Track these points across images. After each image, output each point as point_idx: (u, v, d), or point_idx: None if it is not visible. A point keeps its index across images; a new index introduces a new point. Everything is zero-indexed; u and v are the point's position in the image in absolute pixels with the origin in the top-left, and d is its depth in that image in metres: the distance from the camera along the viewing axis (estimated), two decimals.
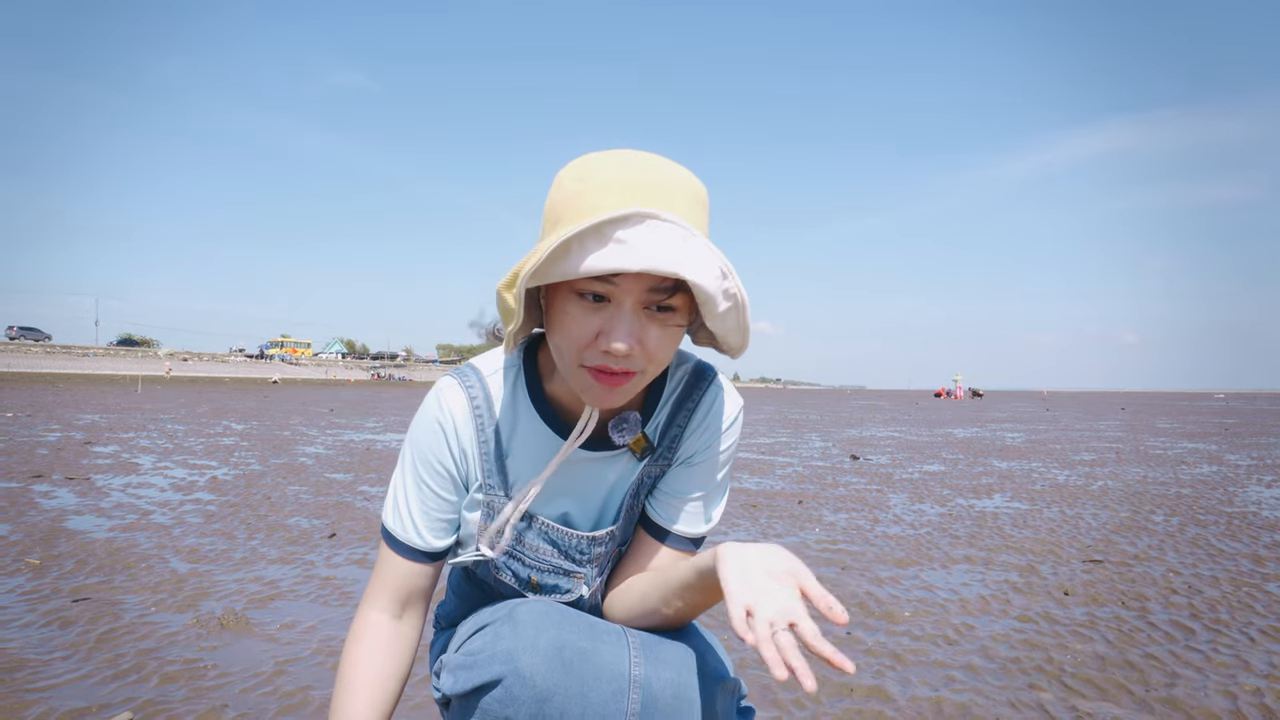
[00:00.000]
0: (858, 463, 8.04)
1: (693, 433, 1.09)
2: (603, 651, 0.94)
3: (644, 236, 0.81)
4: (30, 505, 4.50)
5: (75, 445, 8.05)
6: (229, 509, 4.55)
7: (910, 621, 2.64)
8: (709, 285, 0.84)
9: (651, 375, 0.94)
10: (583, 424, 1.01)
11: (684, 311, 0.91)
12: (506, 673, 0.91)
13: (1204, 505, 5.27)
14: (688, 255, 0.82)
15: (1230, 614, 2.75)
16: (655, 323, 0.89)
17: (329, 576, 3.09)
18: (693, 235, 0.83)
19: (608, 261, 0.81)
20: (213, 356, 74.15)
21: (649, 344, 0.89)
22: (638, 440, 1.06)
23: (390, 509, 1.08)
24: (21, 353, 53.77)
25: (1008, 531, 4.30)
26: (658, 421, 1.08)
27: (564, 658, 0.92)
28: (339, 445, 8.87)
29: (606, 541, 1.09)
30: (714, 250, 0.85)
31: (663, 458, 1.09)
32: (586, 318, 0.88)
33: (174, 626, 2.43)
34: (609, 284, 0.86)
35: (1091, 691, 2.06)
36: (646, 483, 1.10)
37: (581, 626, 0.96)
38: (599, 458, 1.06)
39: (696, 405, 1.09)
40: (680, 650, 1.00)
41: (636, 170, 0.87)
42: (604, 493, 1.09)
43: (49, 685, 1.97)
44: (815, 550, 3.75)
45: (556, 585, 1.09)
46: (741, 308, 0.88)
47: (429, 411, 1.06)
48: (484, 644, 0.95)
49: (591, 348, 0.89)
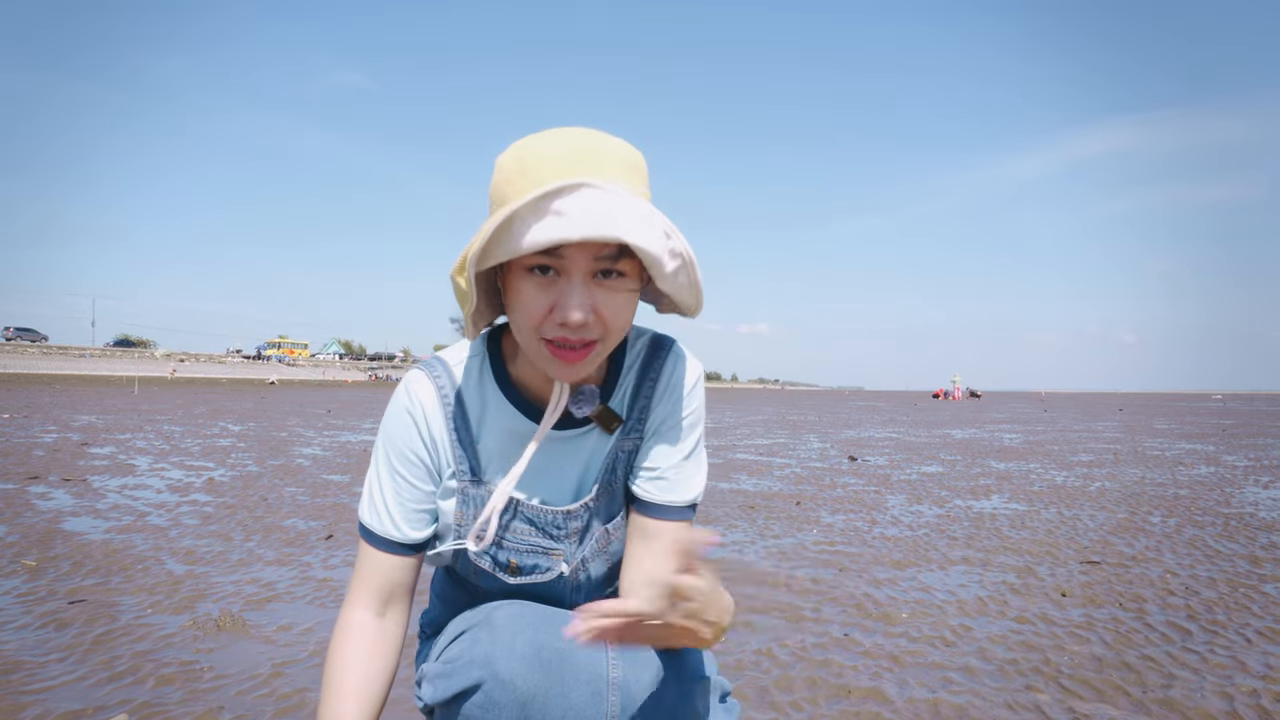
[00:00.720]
0: (856, 464, 8.04)
1: (659, 401, 1.10)
2: (580, 652, 0.95)
3: (580, 205, 0.83)
4: (26, 506, 4.49)
5: (72, 446, 8.03)
6: (226, 510, 4.54)
7: (908, 623, 2.64)
8: (652, 247, 0.86)
9: (611, 344, 0.95)
10: (554, 401, 1.03)
11: (633, 276, 0.93)
12: (486, 677, 0.91)
13: (1201, 506, 5.28)
14: (626, 219, 0.84)
15: (1227, 615, 2.75)
16: (605, 289, 0.91)
17: (326, 578, 3.09)
18: (630, 200, 0.85)
19: (548, 234, 0.83)
20: (209, 357, 74.09)
21: (603, 311, 0.91)
22: (605, 415, 1.07)
23: (366, 504, 1.08)
24: (18, 353, 53.70)
25: (1005, 533, 4.30)
26: (623, 393, 1.10)
27: (542, 658, 0.92)
28: (336, 446, 8.86)
29: (581, 514, 1.09)
30: (655, 212, 0.87)
31: (634, 430, 1.10)
32: (538, 293, 0.90)
33: (170, 628, 2.43)
34: (556, 257, 0.88)
35: (1089, 693, 2.06)
36: (622, 457, 1.10)
37: (558, 627, 0.96)
38: (568, 435, 1.08)
39: (659, 373, 1.10)
40: (660, 653, 1.00)
41: (571, 144, 0.90)
42: (578, 469, 1.09)
43: (45, 687, 1.97)
44: (813, 551, 3.75)
45: (536, 565, 1.09)
46: (690, 265, 0.91)
47: (399, 402, 1.07)
48: (462, 650, 0.95)
49: (548, 322, 0.91)
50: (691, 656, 1.06)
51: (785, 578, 3.23)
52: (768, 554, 3.69)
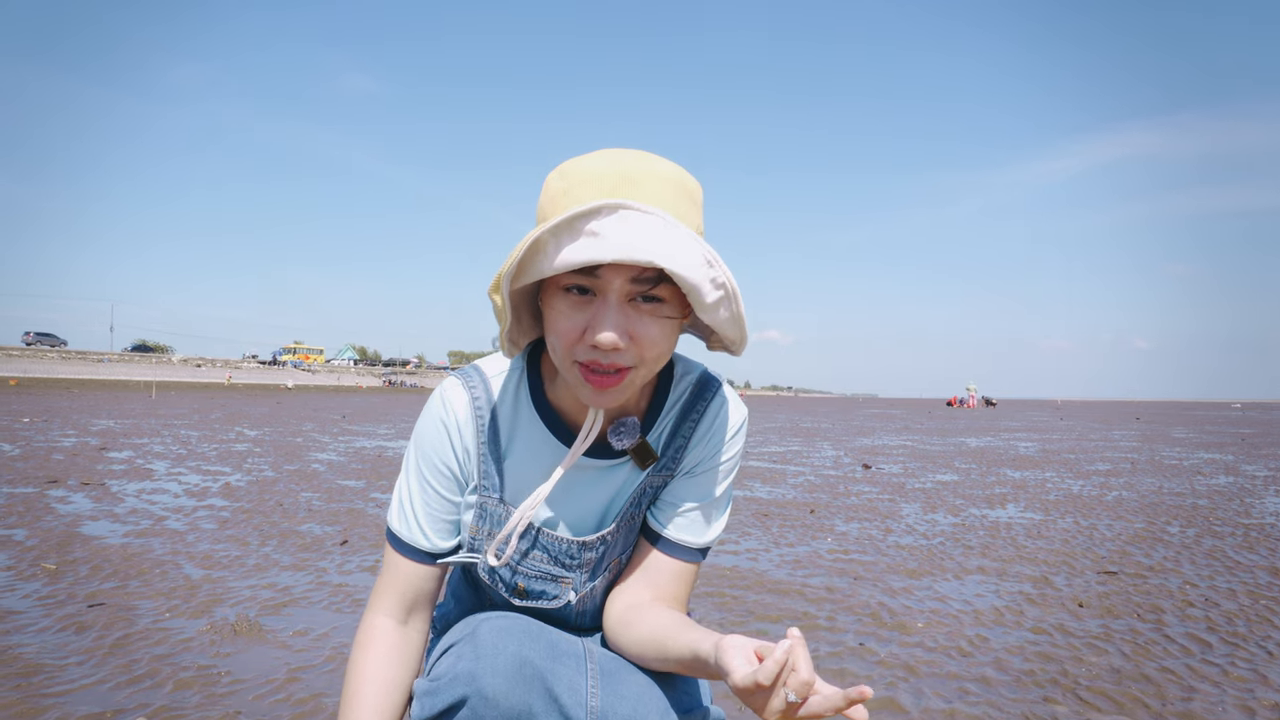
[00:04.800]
0: (870, 472, 8.00)
1: (697, 443, 1.08)
2: (561, 674, 0.94)
3: (615, 227, 0.81)
4: (46, 510, 4.54)
5: (90, 451, 8.11)
6: (242, 515, 4.57)
7: (923, 633, 2.63)
8: (691, 274, 0.83)
9: (647, 372, 0.93)
10: (588, 428, 1.01)
11: (673, 304, 0.91)
12: (470, 694, 0.90)
13: (1220, 517, 5.22)
14: (663, 243, 0.82)
15: (1248, 627, 2.72)
16: (642, 314, 0.89)
17: (341, 583, 3.10)
18: (671, 224, 0.83)
19: (580, 254, 0.82)
20: (225, 362, 74.62)
21: (638, 337, 0.89)
22: (641, 450, 1.05)
23: (395, 511, 1.08)
24: (38, 358, 54.30)
25: (1021, 542, 4.27)
26: (661, 430, 1.08)
27: (524, 675, 0.91)
28: (351, 452, 8.91)
29: (597, 546, 1.08)
30: (698, 240, 0.85)
31: (666, 468, 1.08)
32: (573, 313, 0.89)
33: (188, 632, 2.45)
34: (591, 277, 0.87)
35: (1107, 705, 2.04)
36: (649, 493, 1.09)
37: (543, 644, 0.95)
38: (601, 465, 1.06)
39: (701, 415, 1.08)
40: (642, 683, 0.99)
41: (615, 164, 0.88)
42: (603, 501, 1.08)
43: (65, 690, 1.99)
44: (827, 560, 3.73)
45: (544, 591, 1.08)
46: (733, 297, 0.88)
47: (433, 410, 1.06)
48: (448, 666, 0.94)
49: (581, 343, 0.89)
50: (685, 687, 1.04)
51: (799, 586, 3.22)
52: (782, 562, 3.68)
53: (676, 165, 0.91)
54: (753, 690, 0.77)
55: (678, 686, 1.03)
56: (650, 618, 1.02)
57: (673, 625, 0.98)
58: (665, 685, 1.01)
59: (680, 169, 0.91)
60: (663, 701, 0.98)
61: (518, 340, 1.00)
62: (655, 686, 1.00)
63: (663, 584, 1.09)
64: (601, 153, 0.91)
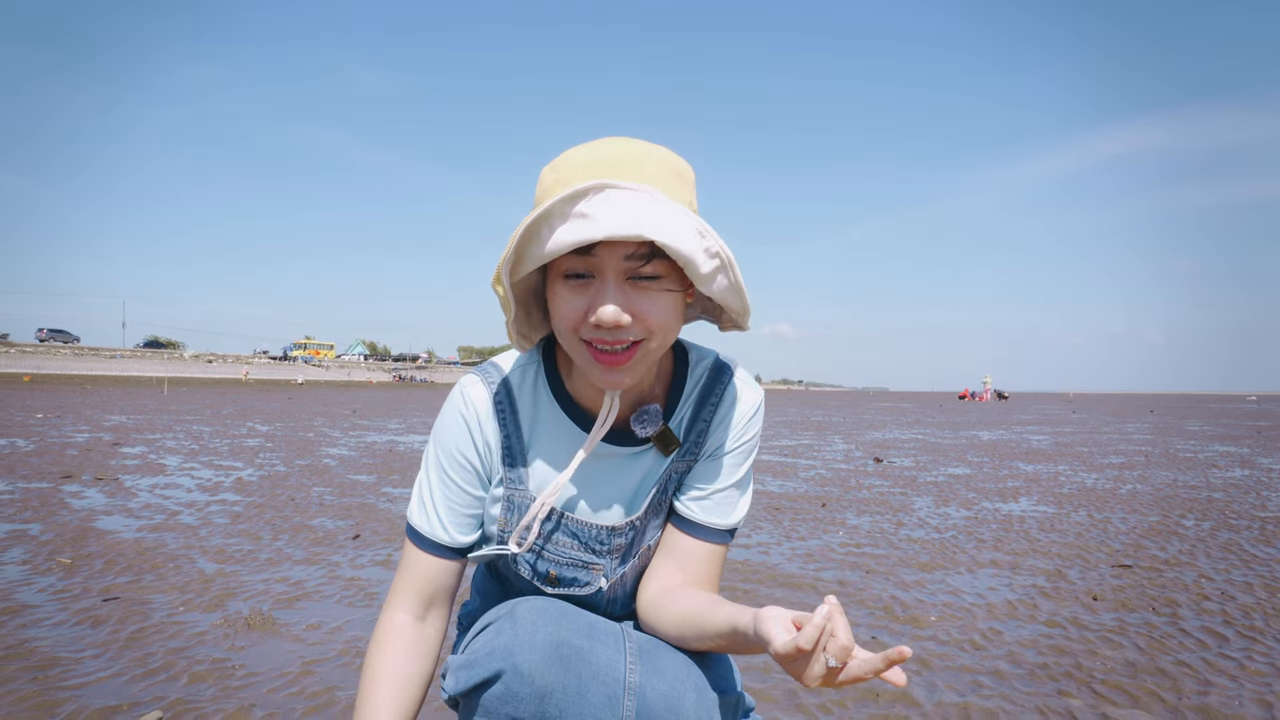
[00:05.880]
0: (881, 465, 7.98)
1: (717, 426, 1.10)
2: (599, 652, 0.94)
3: (603, 205, 0.83)
4: (61, 505, 4.57)
5: (104, 446, 8.18)
6: (254, 510, 4.60)
7: (936, 626, 2.61)
8: (683, 245, 0.85)
9: (656, 346, 0.94)
10: (605, 411, 1.02)
11: (671, 278, 0.92)
12: (505, 669, 0.91)
13: (1236, 510, 5.18)
14: (651, 218, 0.83)
15: (1265, 621, 2.69)
16: (641, 290, 0.90)
17: (354, 577, 3.11)
18: (659, 200, 0.85)
19: (571, 235, 0.84)
20: (236, 358, 74.99)
21: (640, 312, 0.90)
22: (664, 436, 1.06)
23: (416, 505, 1.09)
24: (51, 354, 54.72)
25: (1034, 535, 4.24)
26: (682, 416, 1.09)
27: (561, 654, 0.91)
28: (362, 447, 8.95)
29: (626, 532, 1.09)
30: (688, 213, 0.86)
31: (689, 453, 1.10)
32: (574, 296, 0.91)
33: (202, 626, 2.46)
34: (588, 260, 0.88)
35: (1122, 699, 2.03)
36: (674, 478, 1.10)
37: (580, 625, 0.96)
38: (624, 453, 1.07)
39: (720, 399, 1.10)
40: (680, 661, 1.00)
41: (606, 151, 0.90)
42: (630, 488, 1.09)
43: (80, 683, 2.00)
44: (839, 554, 3.72)
45: (575, 578, 1.09)
46: (729, 265, 0.89)
47: (453, 406, 1.07)
48: (485, 641, 0.95)
49: (584, 324, 0.91)
50: (717, 669, 1.05)
51: (811, 580, 3.21)
52: (794, 555, 3.67)
53: (666, 148, 0.93)
54: (794, 656, 0.79)
55: (713, 669, 1.04)
56: (685, 598, 1.05)
57: (708, 602, 1.00)
58: (702, 665, 1.02)
59: (667, 150, 0.93)
60: (701, 679, 0.99)
61: (529, 335, 1.02)
62: (693, 665, 1.00)
63: (693, 567, 1.10)
64: (593, 142, 0.92)
